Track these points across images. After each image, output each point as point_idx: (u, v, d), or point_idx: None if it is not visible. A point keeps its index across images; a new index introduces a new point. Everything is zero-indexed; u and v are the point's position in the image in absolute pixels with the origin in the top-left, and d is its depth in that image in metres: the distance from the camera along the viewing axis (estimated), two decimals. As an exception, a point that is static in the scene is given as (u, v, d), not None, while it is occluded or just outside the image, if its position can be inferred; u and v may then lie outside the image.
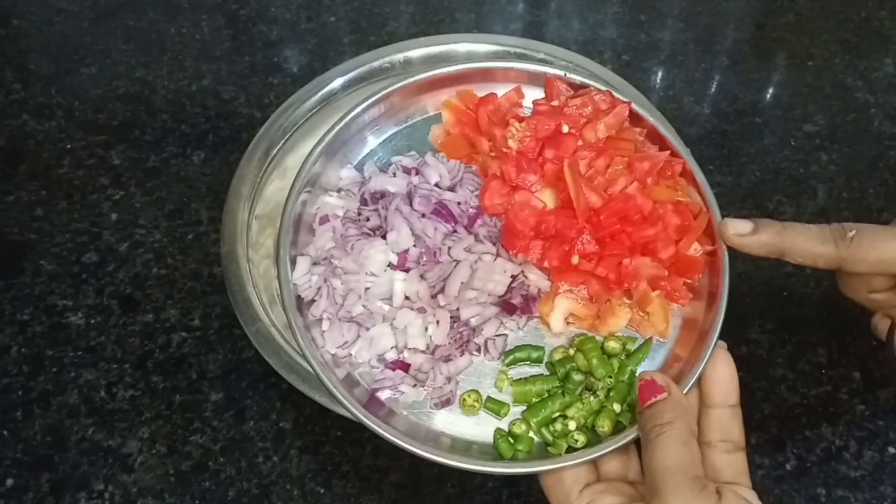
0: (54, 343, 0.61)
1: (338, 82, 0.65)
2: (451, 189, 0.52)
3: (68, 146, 0.73)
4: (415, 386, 0.47)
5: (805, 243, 0.47)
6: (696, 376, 0.44)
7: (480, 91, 0.54)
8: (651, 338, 0.48)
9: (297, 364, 0.52)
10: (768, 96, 0.77)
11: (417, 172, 0.53)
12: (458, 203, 0.52)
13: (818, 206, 0.68)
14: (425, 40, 0.68)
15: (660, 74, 0.79)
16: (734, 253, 0.48)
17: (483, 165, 0.52)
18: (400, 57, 0.66)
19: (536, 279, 0.49)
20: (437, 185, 0.52)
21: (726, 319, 0.61)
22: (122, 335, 0.61)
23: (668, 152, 0.51)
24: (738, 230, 0.46)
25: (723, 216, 0.48)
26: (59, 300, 0.63)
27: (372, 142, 0.55)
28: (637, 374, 0.46)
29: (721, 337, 0.61)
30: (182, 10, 0.84)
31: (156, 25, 0.82)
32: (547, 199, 0.50)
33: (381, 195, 0.52)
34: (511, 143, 0.51)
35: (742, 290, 0.63)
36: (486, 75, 0.54)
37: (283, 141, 0.62)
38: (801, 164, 0.71)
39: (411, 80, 0.54)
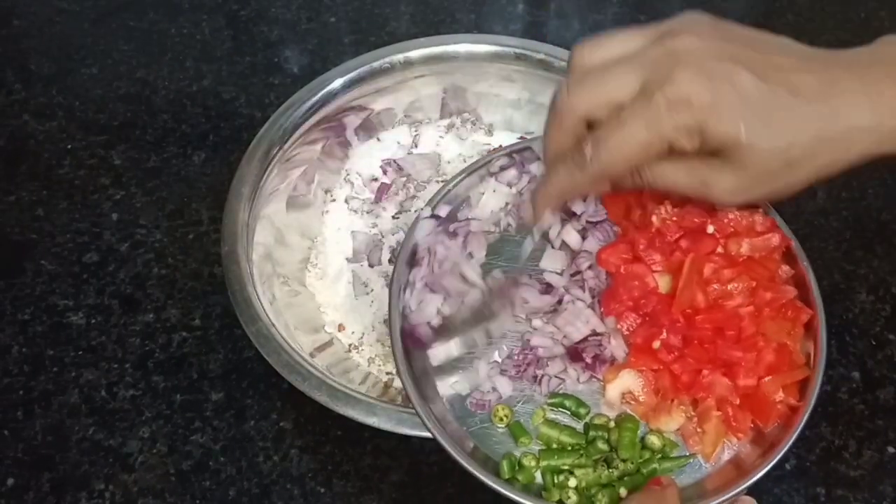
0: (55, 343, 0.61)
1: (338, 82, 0.65)
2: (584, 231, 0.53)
3: (69, 146, 0.73)
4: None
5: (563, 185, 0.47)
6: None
7: None
8: (693, 454, 0.47)
9: (297, 364, 0.52)
10: (768, 96, 0.77)
11: None
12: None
13: (818, 206, 0.68)
14: (425, 40, 0.68)
15: (660, 74, 0.79)
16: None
17: (625, 228, 0.52)
18: (400, 57, 0.66)
19: (616, 345, 0.49)
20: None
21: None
22: (122, 335, 0.61)
23: (798, 296, 0.49)
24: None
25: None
26: (60, 300, 0.63)
27: None
28: (656, 474, 0.45)
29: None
30: (183, 11, 0.84)
31: (156, 26, 0.82)
32: (662, 282, 0.50)
33: None
34: (654, 219, 0.51)
35: (742, 290, 0.63)
36: None
37: (283, 141, 0.62)
38: (801, 164, 0.71)
39: None
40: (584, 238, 0.52)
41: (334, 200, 0.67)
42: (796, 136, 0.43)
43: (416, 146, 0.70)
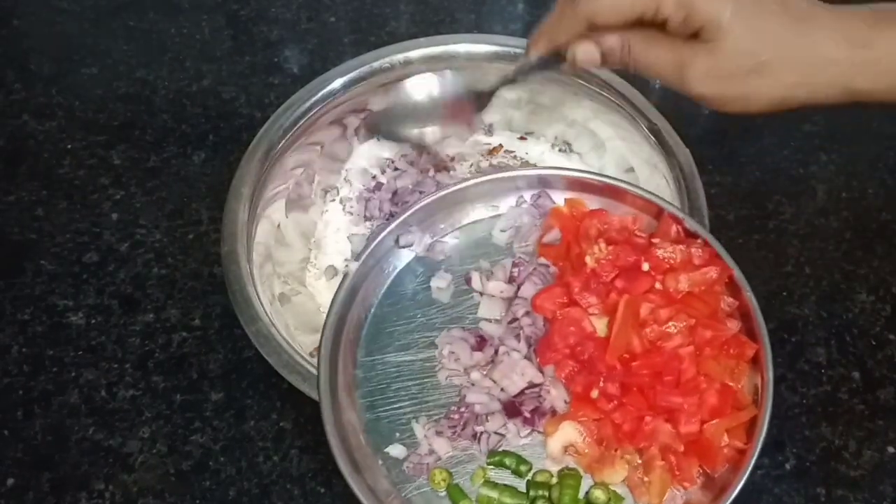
0: (55, 343, 0.61)
1: (338, 82, 0.65)
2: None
3: (69, 146, 0.73)
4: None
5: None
6: None
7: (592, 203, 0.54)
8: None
9: (297, 364, 0.52)
10: (768, 96, 0.77)
11: None
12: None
13: (818, 206, 0.68)
14: (425, 40, 0.68)
15: (660, 74, 0.79)
16: (734, 252, 0.48)
17: (562, 271, 0.51)
18: (400, 57, 0.66)
19: (556, 396, 0.48)
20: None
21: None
22: (122, 335, 0.61)
23: (742, 331, 0.48)
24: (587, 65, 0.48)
25: (718, 220, 0.47)
26: (60, 300, 0.63)
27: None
28: None
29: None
30: (183, 11, 0.84)
31: (156, 26, 0.82)
32: (599, 325, 0.49)
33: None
34: (588, 259, 0.50)
35: (742, 290, 0.63)
36: (609, 191, 0.53)
37: (283, 141, 0.62)
38: (801, 163, 0.71)
39: (535, 173, 0.55)
40: (519, 284, 0.51)
41: (334, 200, 0.67)
42: (772, 42, 0.45)
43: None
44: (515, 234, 0.55)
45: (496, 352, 0.50)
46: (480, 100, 0.55)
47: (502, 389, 0.48)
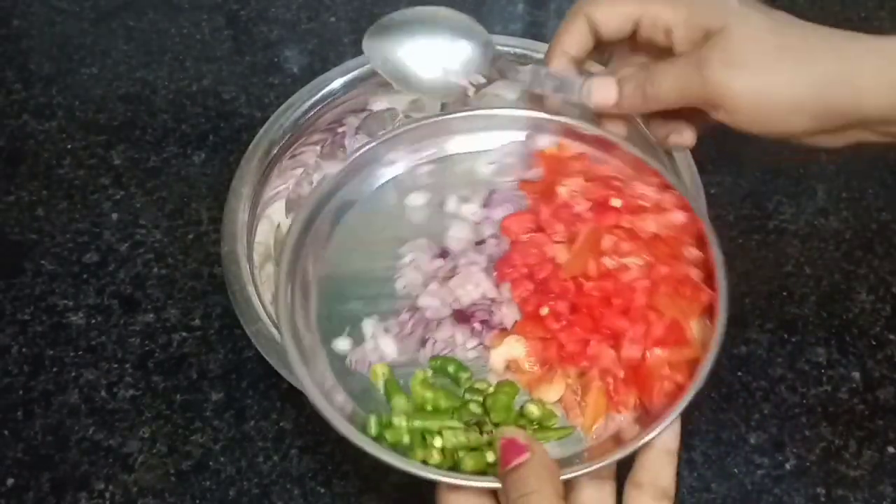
0: (55, 343, 0.61)
1: (338, 82, 0.65)
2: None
3: (69, 146, 0.73)
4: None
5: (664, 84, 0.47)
6: (577, 472, 0.41)
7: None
8: (573, 428, 0.45)
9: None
10: (768, 96, 0.77)
11: None
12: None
13: (818, 206, 0.68)
14: (425, 40, 0.68)
15: (660, 74, 0.79)
16: (734, 251, 0.48)
17: (535, 201, 0.52)
18: (400, 57, 0.66)
19: (507, 313, 0.48)
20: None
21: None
22: (122, 335, 0.61)
23: (701, 277, 0.48)
24: (603, 101, 0.48)
25: (718, 220, 0.47)
26: (60, 300, 0.63)
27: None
28: (500, 432, 0.42)
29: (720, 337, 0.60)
30: (182, 11, 0.84)
31: (156, 26, 0.82)
32: (561, 254, 0.49)
33: None
34: (562, 189, 0.51)
35: (742, 290, 0.63)
36: (601, 144, 0.54)
37: (283, 141, 0.62)
38: (801, 163, 0.71)
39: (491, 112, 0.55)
40: (489, 207, 0.52)
41: (334, 200, 0.67)
42: (784, 26, 0.45)
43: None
44: (499, 169, 0.55)
45: (456, 266, 0.50)
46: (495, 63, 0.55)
47: (455, 299, 0.49)
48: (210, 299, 0.63)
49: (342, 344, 0.48)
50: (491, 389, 0.46)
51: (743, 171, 0.70)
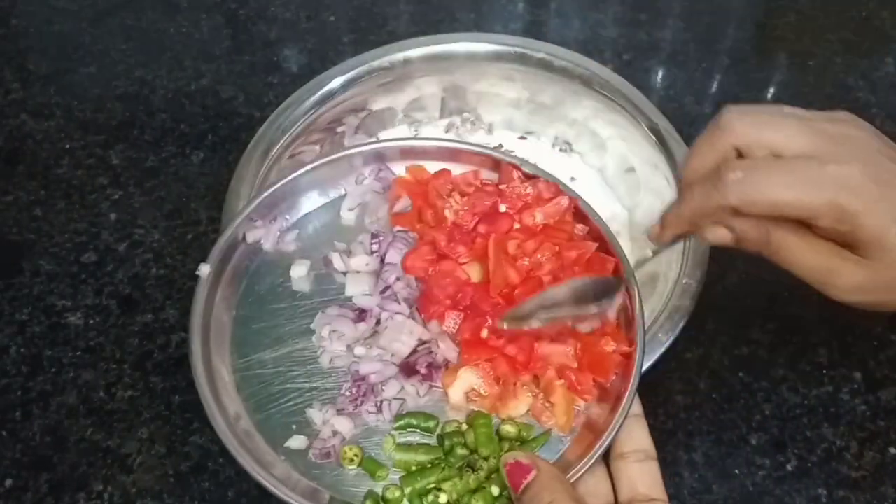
0: (53, 343, 0.61)
1: (337, 82, 0.65)
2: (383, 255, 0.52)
3: (67, 146, 0.72)
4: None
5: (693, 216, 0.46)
6: (580, 470, 0.42)
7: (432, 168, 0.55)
8: (549, 430, 0.46)
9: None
10: (769, 96, 0.77)
11: None
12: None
13: (819, 205, 0.68)
14: (425, 40, 0.68)
15: (660, 74, 0.78)
16: (736, 253, 0.48)
17: (422, 232, 0.52)
18: (400, 57, 0.66)
19: (445, 349, 0.48)
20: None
21: (727, 321, 0.61)
22: (121, 335, 0.61)
23: (598, 249, 0.50)
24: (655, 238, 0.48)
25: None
26: (58, 300, 0.63)
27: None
28: (502, 460, 0.43)
29: (722, 337, 0.61)
30: (181, 10, 0.83)
31: (155, 25, 0.82)
32: (473, 272, 0.50)
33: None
34: (448, 213, 0.51)
35: (743, 291, 0.63)
36: (444, 154, 0.55)
37: (282, 140, 0.62)
38: (802, 163, 0.71)
39: (372, 147, 0.54)
40: (382, 254, 0.51)
41: (334, 200, 0.67)
42: None
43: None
44: (363, 210, 0.54)
45: (378, 321, 0.49)
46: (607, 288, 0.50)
47: (393, 354, 0.48)
48: (209, 299, 0.63)
49: (297, 442, 0.46)
50: (465, 426, 0.46)
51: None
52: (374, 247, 0.52)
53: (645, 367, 0.48)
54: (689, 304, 0.54)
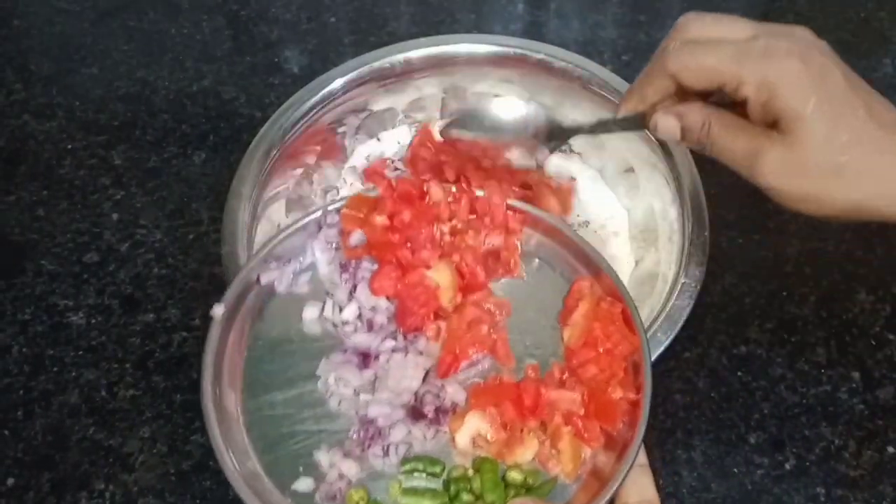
0: (55, 343, 0.61)
1: (338, 83, 0.65)
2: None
3: (69, 146, 0.73)
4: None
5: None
6: None
7: None
8: (555, 477, 0.46)
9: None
10: (768, 96, 0.77)
11: None
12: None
13: (818, 206, 0.68)
14: (425, 41, 0.68)
15: (659, 75, 0.79)
16: (734, 251, 0.48)
17: (379, 256, 0.52)
18: (400, 57, 0.66)
19: (453, 392, 0.48)
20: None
21: (725, 320, 0.61)
22: (122, 335, 0.61)
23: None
24: (667, 137, 0.49)
25: (719, 220, 0.48)
26: (61, 300, 0.63)
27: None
28: None
29: (721, 336, 0.61)
30: (183, 11, 0.84)
31: (156, 26, 0.82)
32: (440, 276, 0.50)
33: None
34: (378, 219, 0.52)
35: (741, 290, 0.63)
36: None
37: (283, 141, 0.62)
38: (801, 164, 0.71)
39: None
40: (352, 294, 0.51)
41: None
42: (854, 145, 0.43)
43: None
44: (328, 260, 0.54)
45: (378, 364, 0.49)
46: (552, 134, 0.56)
47: (399, 394, 0.48)
48: (210, 299, 0.62)
49: (304, 484, 0.46)
50: (470, 472, 0.46)
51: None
52: (346, 276, 0.52)
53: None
54: (688, 304, 0.54)
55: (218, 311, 0.49)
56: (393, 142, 0.70)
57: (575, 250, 0.52)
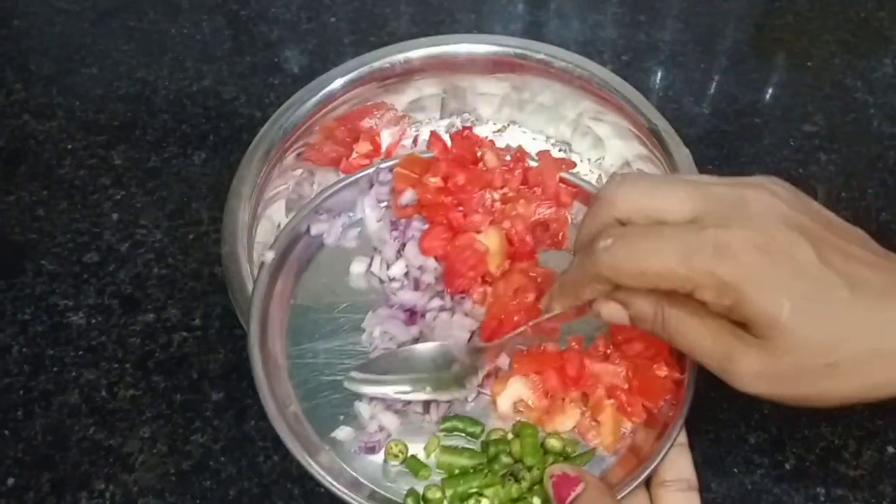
0: (55, 343, 0.61)
1: (338, 83, 0.65)
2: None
3: (69, 146, 0.73)
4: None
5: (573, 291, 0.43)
6: (622, 492, 0.42)
7: None
8: (594, 449, 0.46)
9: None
10: (768, 97, 0.78)
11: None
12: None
13: (817, 206, 0.68)
14: (425, 41, 0.68)
15: (659, 75, 0.79)
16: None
17: (430, 215, 0.53)
18: (400, 57, 0.67)
19: (499, 358, 0.48)
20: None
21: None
22: (122, 335, 0.61)
23: None
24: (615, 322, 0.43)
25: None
26: (60, 300, 0.63)
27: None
28: (548, 472, 0.42)
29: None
30: (183, 11, 0.84)
31: (156, 26, 0.82)
32: (490, 240, 0.51)
33: None
34: (432, 180, 0.52)
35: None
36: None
37: (283, 141, 0.62)
38: (801, 164, 0.71)
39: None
40: (400, 252, 0.52)
41: (334, 200, 0.67)
42: (844, 339, 0.37)
43: (416, 146, 0.70)
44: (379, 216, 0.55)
45: (424, 320, 0.50)
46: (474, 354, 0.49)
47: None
48: (210, 299, 0.63)
49: (343, 433, 0.46)
50: (510, 436, 0.46)
51: (743, 171, 0.71)
52: (396, 234, 0.53)
53: None
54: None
55: (269, 255, 0.50)
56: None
57: None
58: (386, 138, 0.69)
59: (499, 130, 0.71)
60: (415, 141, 0.70)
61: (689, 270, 0.37)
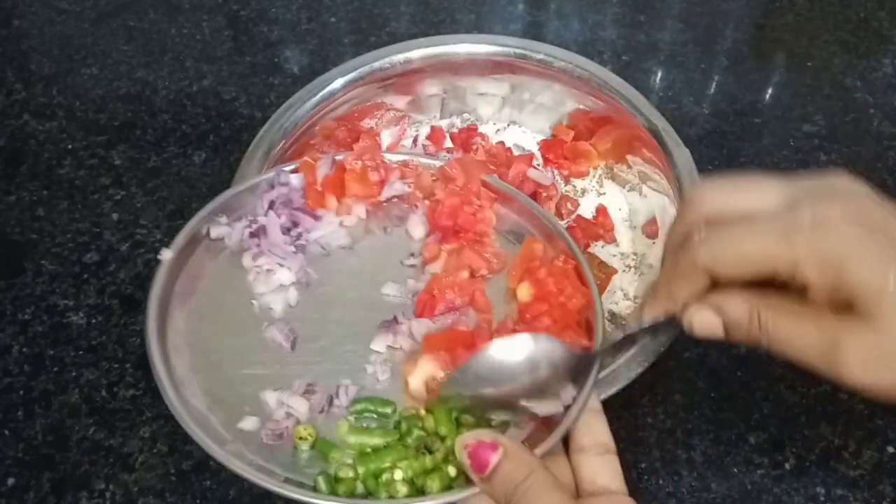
0: (55, 343, 0.61)
1: (338, 83, 0.65)
2: None
3: (69, 146, 0.73)
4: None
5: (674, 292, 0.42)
6: (540, 453, 0.41)
7: None
8: (507, 420, 0.45)
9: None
10: (767, 97, 0.78)
11: None
12: None
13: (817, 206, 0.68)
14: (425, 41, 0.68)
15: (659, 75, 0.79)
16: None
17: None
18: (400, 57, 0.67)
19: (419, 328, 0.48)
20: None
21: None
22: (123, 335, 0.61)
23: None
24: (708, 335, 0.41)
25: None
26: (61, 300, 0.63)
27: None
28: (459, 443, 0.41)
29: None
30: (183, 11, 0.84)
31: (157, 26, 0.82)
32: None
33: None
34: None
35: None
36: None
37: (283, 141, 0.62)
38: (801, 164, 0.71)
39: None
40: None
41: (334, 200, 0.67)
42: None
43: (416, 146, 0.70)
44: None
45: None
46: (576, 367, 0.45)
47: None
48: (210, 299, 0.63)
49: (249, 423, 0.45)
50: (423, 412, 0.46)
51: (742, 171, 0.71)
52: (293, 235, 0.53)
53: (645, 367, 0.48)
54: (688, 304, 0.54)
55: (167, 254, 0.50)
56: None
57: (529, 216, 0.53)
58: (386, 138, 0.69)
59: (499, 130, 0.71)
60: (415, 141, 0.70)
61: (791, 246, 0.36)
